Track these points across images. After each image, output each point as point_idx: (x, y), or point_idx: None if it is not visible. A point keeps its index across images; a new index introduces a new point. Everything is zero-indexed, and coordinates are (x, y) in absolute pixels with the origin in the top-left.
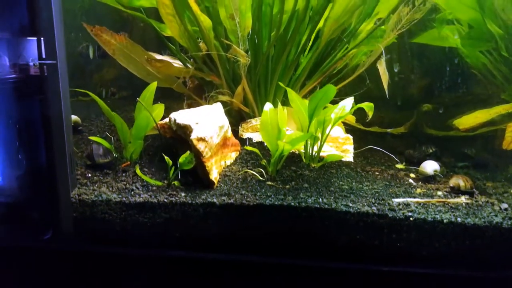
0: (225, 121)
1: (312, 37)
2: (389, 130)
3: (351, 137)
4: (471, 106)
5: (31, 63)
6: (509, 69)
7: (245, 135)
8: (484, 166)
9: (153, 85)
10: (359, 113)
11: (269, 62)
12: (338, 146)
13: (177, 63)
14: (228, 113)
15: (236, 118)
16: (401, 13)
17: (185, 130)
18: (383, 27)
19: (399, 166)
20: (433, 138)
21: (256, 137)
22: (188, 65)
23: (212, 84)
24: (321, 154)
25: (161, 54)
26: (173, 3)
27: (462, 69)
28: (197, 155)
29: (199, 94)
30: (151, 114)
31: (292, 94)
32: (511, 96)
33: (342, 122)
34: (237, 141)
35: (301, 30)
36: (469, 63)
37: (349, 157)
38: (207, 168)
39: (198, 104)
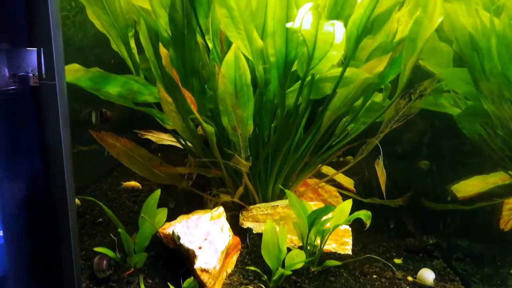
0: (227, 239)
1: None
2: (386, 202)
3: (349, 229)
4: (468, 170)
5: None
6: (506, 146)
7: (246, 224)
8: (481, 257)
9: (157, 193)
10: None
11: (270, 150)
12: (337, 239)
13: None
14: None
15: (237, 203)
16: (398, 105)
17: (189, 253)
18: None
19: (397, 261)
20: (431, 212)
21: (256, 227)
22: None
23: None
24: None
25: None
26: (176, 106)
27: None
28: (201, 284)
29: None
30: (154, 226)
31: (292, 197)
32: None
33: (340, 192)
34: (237, 240)
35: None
36: (465, 134)
37: (348, 250)
38: None
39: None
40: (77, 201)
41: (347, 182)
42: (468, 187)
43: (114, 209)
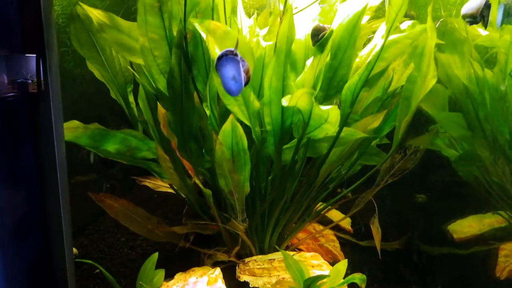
0: None
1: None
2: (383, 246)
3: None
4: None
5: None
6: (501, 191)
7: (242, 277)
8: None
9: (154, 256)
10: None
11: (266, 200)
12: None
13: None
14: None
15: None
16: (394, 159)
17: None
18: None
19: None
20: (427, 256)
21: (253, 281)
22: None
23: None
24: None
25: None
26: (173, 164)
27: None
28: None
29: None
30: None
31: (288, 259)
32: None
33: (336, 235)
34: None
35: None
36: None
37: None
38: None
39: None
40: (74, 250)
41: (344, 221)
42: (465, 228)
43: (111, 256)
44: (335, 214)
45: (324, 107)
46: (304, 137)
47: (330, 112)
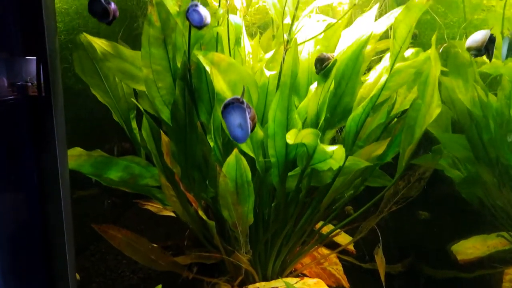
0: None
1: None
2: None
3: None
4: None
5: None
6: (505, 214)
7: None
8: None
9: None
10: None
11: (269, 228)
12: None
13: None
14: None
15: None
16: (397, 186)
17: None
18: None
19: None
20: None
21: None
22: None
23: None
24: None
25: None
26: (176, 193)
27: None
28: None
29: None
30: None
31: None
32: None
33: (339, 256)
34: None
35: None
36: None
37: None
38: None
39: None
40: (77, 276)
41: (347, 241)
42: (469, 249)
43: (113, 281)
44: (339, 236)
45: (330, 148)
46: (308, 168)
47: (335, 151)
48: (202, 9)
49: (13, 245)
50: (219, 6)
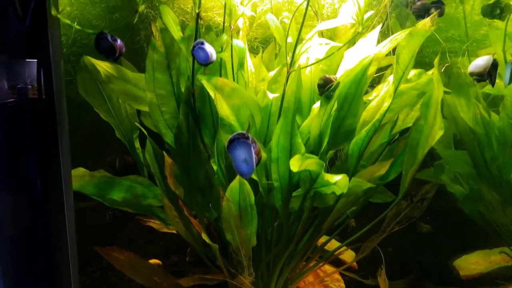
0: None
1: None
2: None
3: None
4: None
5: None
6: (506, 230)
7: None
8: None
9: None
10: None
11: (272, 249)
12: None
13: None
14: None
15: None
16: (400, 206)
17: None
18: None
19: None
20: None
21: None
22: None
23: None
24: None
25: None
26: (178, 214)
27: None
28: None
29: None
30: None
31: None
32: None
33: (341, 272)
34: None
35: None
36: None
37: None
38: None
39: None
40: None
41: (349, 255)
42: (471, 265)
43: None
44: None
45: (334, 178)
46: (311, 191)
47: (339, 180)
48: (208, 47)
49: (17, 268)
50: (223, 31)
